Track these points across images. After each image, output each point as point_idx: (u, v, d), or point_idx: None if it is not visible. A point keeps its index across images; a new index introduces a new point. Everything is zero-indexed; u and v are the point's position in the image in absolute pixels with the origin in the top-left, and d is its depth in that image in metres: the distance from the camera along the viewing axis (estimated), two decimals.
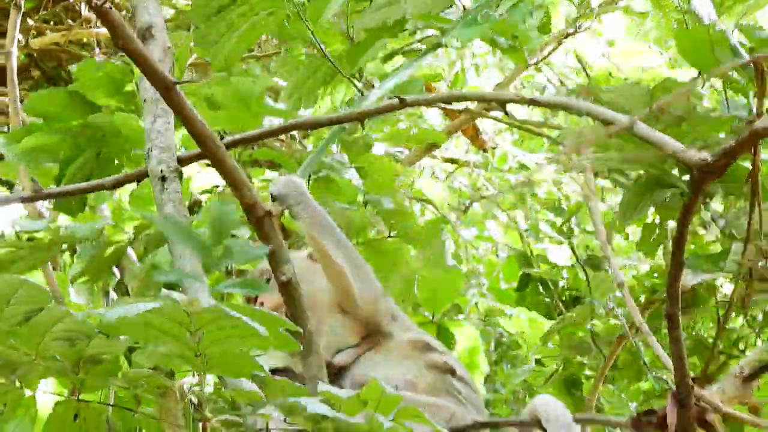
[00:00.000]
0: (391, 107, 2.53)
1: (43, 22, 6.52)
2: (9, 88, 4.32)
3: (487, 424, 2.57)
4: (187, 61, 3.33)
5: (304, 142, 5.69)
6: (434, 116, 6.94)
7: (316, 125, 2.57)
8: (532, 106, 2.45)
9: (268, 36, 3.23)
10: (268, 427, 2.19)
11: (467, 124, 6.61)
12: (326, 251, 2.69)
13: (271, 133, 2.60)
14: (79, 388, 2.09)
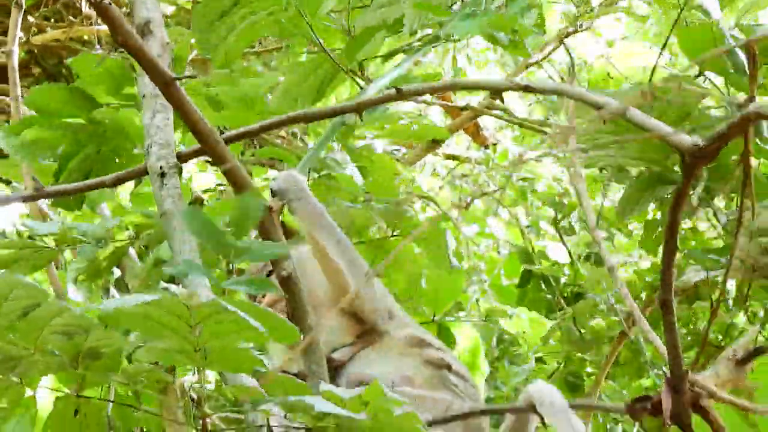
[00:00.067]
0: (388, 98, 2.53)
1: (44, 19, 6.52)
2: (11, 87, 4.32)
3: (484, 411, 2.56)
4: (188, 57, 3.33)
5: (305, 139, 5.69)
6: (436, 114, 6.94)
7: (314, 118, 2.57)
8: (526, 92, 2.44)
9: (269, 33, 3.23)
10: (269, 424, 2.19)
11: (468, 123, 6.61)
12: (324, 248, 2.68)
13: (270, 127, 2.59)
14: (81, 383, 2.08)
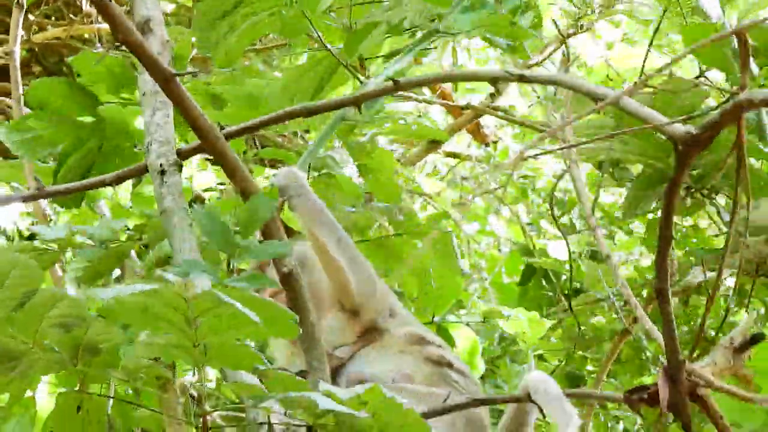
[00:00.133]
0: (386, 90, 2.53)
1: (45, 17, 6.52)
2: (12, 87, 4.32)
3: (483, 402, 2.57)
4: (189, 56, 3.32)
5: (306, 137, 5.68)
6: (437, 113, 6.94)
7: (313, 111, 2.56)
8: (522, 82, 2.44)
9: (270, 31, 3.22)
10: (270, 421, 2.18)
11: (469, 124, 6.62)
12: (324, 245, 2.67)
13: (269, 122, 2.59)
14: (83, 379, 2.08)
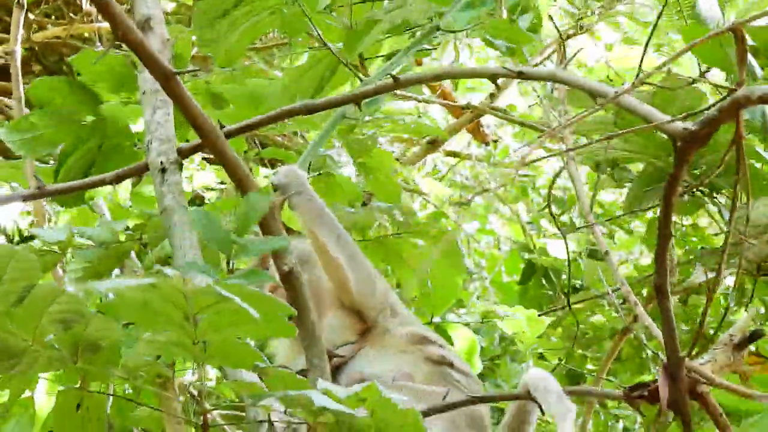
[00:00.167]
0: (386, 87, 2.53)
1: (45, 16, 6.52)
2: (13, 87, 4.32)
3: (482, 399, 2.56)
4: (189, 55, 3.32)
5: (306, 137, 5.68)
6: (437, 113, 6.93)
7: (314, 109, 2.56)
8: (520, 79, 2.45)
9: (271, 29, 3.23)
10: (270, 419, 2.18)
11: (470, 123, 6.62)
12: (324, 244, 2.67)
13: (269, 120, 2.59)
14: (84, 377, 2.08)
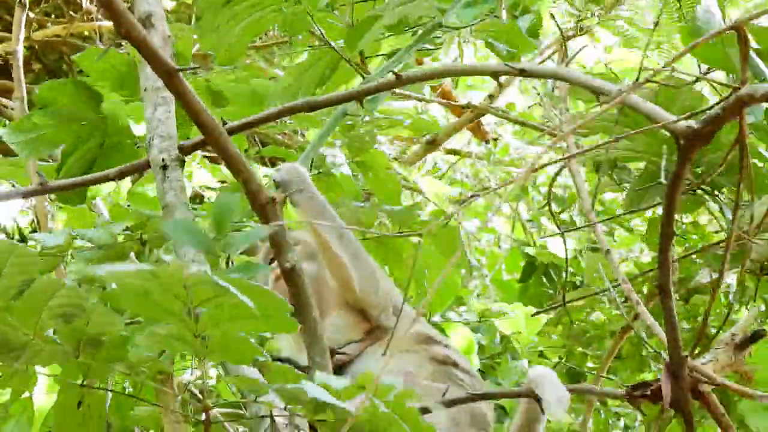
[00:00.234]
0: (388, 84, 2.53)
1: (45, 14, 6.52)
2: (15, 86, 4.33)
3: (485, 396, 2.56)
4: (191, 53, 3.33)
5: (307, 135, 5.68)
6: (437, 111, 6.93)
7: (315, 106, 2.56)
8: (522, 77, 2.44)
9: (272, 26, 3.23)
10: (272, 415, 2.18)
11: (470, 123, 6.61)
12: (326, 241, 2.66)
13: (272, 117, 2.60)
14: (85, 374, 2.08)
